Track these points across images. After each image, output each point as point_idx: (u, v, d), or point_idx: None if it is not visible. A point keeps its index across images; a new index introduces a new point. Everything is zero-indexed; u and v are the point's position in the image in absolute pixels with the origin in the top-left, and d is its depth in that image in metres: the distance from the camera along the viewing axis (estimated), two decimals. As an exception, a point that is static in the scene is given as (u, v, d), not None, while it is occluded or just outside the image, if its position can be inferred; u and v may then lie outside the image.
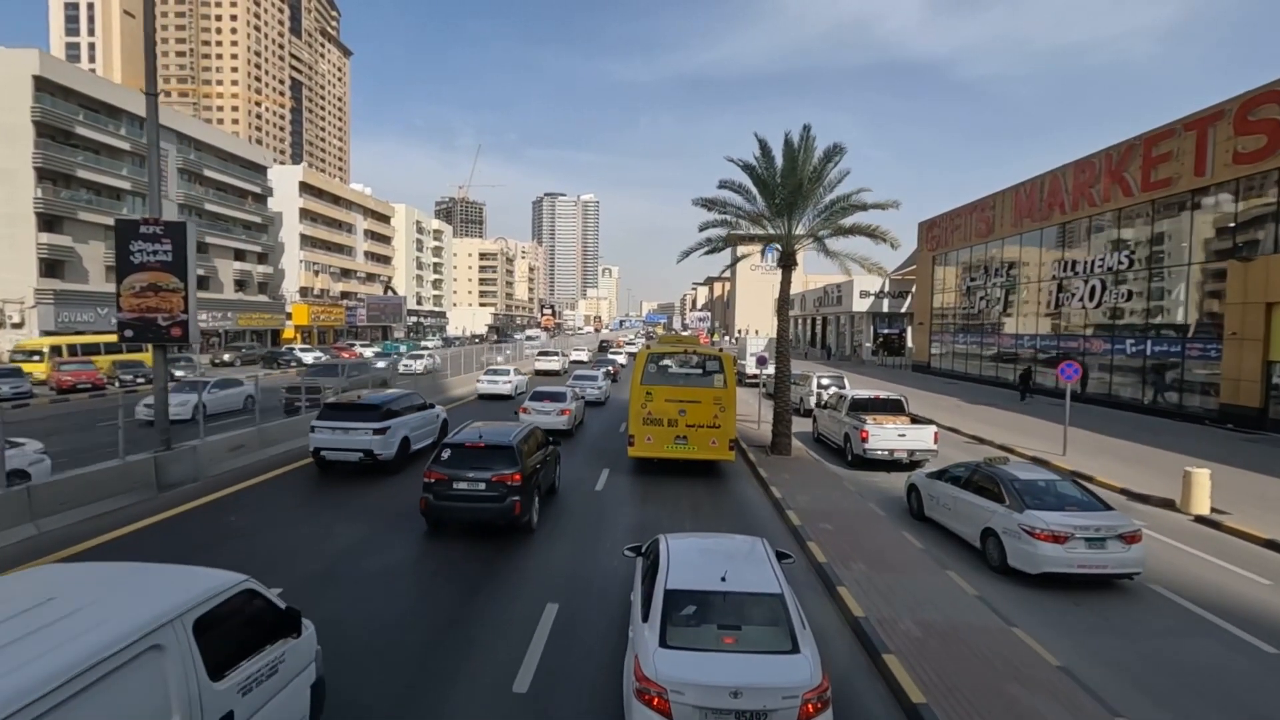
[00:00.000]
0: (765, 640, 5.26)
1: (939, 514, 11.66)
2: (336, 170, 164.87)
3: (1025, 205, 34.74)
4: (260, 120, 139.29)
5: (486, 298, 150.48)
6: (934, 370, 45.92)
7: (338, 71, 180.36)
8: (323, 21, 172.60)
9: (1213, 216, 23.80)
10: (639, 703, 4.91)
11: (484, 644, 7.18)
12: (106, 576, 4.50)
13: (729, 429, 14.65)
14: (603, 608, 8.15)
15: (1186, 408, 24.14)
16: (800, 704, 4.75)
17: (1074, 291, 30.48)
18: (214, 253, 59.50)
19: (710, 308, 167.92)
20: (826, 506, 12.46)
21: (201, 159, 58.10)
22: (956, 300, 43.25)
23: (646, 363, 15.36)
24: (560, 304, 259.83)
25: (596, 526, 11.61)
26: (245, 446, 14.78)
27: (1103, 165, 28.53)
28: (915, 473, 13.12)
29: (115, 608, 3.75)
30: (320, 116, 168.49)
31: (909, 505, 12.69)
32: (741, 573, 5.86)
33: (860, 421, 16.70)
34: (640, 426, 14.84)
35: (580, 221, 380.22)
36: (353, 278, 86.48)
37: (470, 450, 10.63)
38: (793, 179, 15.94)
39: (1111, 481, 14.86)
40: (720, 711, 4.75)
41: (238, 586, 4.38)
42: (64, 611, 3.60)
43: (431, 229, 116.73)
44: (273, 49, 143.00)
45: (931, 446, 16.32)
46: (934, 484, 11.89)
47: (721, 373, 15.24)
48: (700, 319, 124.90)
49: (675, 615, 5.39)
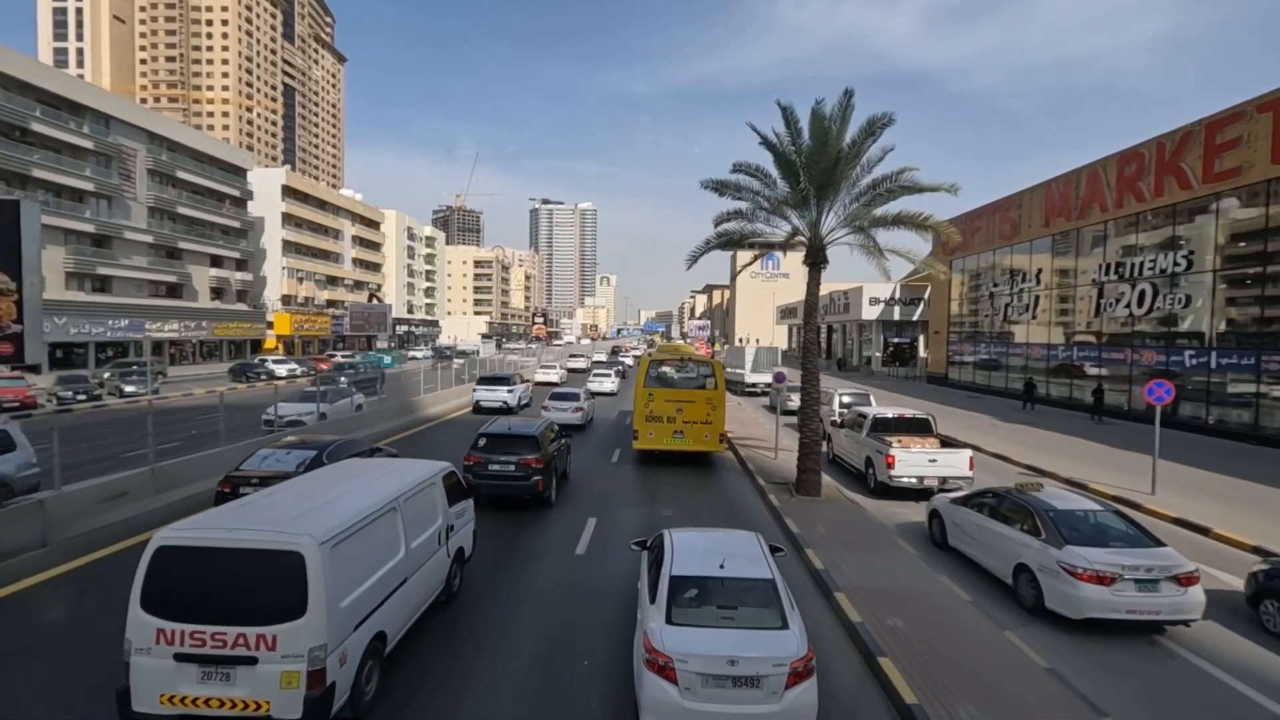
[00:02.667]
0: (758, 618, 5.87)
1: (964, 544, 10.54)
2: (330, 178, 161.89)
3: (1057, 203, 31.73)
4: (252, 126, 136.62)
5: (482, 306, 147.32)
6: (952, 383, 42.79)
7: (332, 77, 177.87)
8: (316, 27, 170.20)
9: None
10: (649, 671, 5.55)
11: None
12: (405, 464, 9.02)
13: (719, 425, 17.13)
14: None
15: (1264, 428, 21.01)
16: (788, 671, 5.41)
17: (1118, 297, 27.43)
18: (188, 259, 56.35)
19: (709, 316, 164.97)
20: (888, 583, 9.22)
21: (175, 160, 55.01)
22: (978, 307, 40.17)
23: (648, 368, 17.68)
24: (558, 312, 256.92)
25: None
26: (131, 494, 11.48)
27: (1153, 156, 25.53)
28: (939, 496, 11.82)
29: (418, 471, 8.21)
30: (314, 123, 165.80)
31: (930, 532, 11.60)
32: (738, 562, 6.51)
33: (884, 445, 14.57)
34: (643, 423, 17.12)
35: (578, 230, 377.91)
36: (340, 285, 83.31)
37: (502, 438, 13.00)
38: (824, 156, 12.84)
39: (1241, 537, 11.63)
40: (719, 677, 5.42)
41: (449, 468, 8.91)
42: (400, 467, 8.59)
43: (424, 236, 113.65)
44: (265, 54, 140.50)
45: (966, 473, 14.10)
46: (959, 510, 10.73)
47: (713, 376, 17.54)
48: (700, 328, 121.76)
49: (680, 598, 6.04)
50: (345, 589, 5.69)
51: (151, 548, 5.40)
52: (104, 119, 47.76)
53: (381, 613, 6.31)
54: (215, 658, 5.17)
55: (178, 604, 5.26)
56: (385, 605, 6.39)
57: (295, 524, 5.69)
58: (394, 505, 6.96)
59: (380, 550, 6.51)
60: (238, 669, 5.16)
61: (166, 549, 5.37)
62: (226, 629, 5.18)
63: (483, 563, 9.91)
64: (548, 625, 8.09)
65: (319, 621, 5.26)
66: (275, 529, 5.58)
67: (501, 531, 11.57)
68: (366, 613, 6.02)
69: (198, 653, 5.18)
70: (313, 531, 5.49)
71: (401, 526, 7.02)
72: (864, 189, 13.38)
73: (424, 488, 7.88)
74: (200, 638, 5.18)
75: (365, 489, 7.09)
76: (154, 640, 5.20)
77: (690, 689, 5.37)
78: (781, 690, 5.37)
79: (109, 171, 48.18)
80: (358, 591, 5.89)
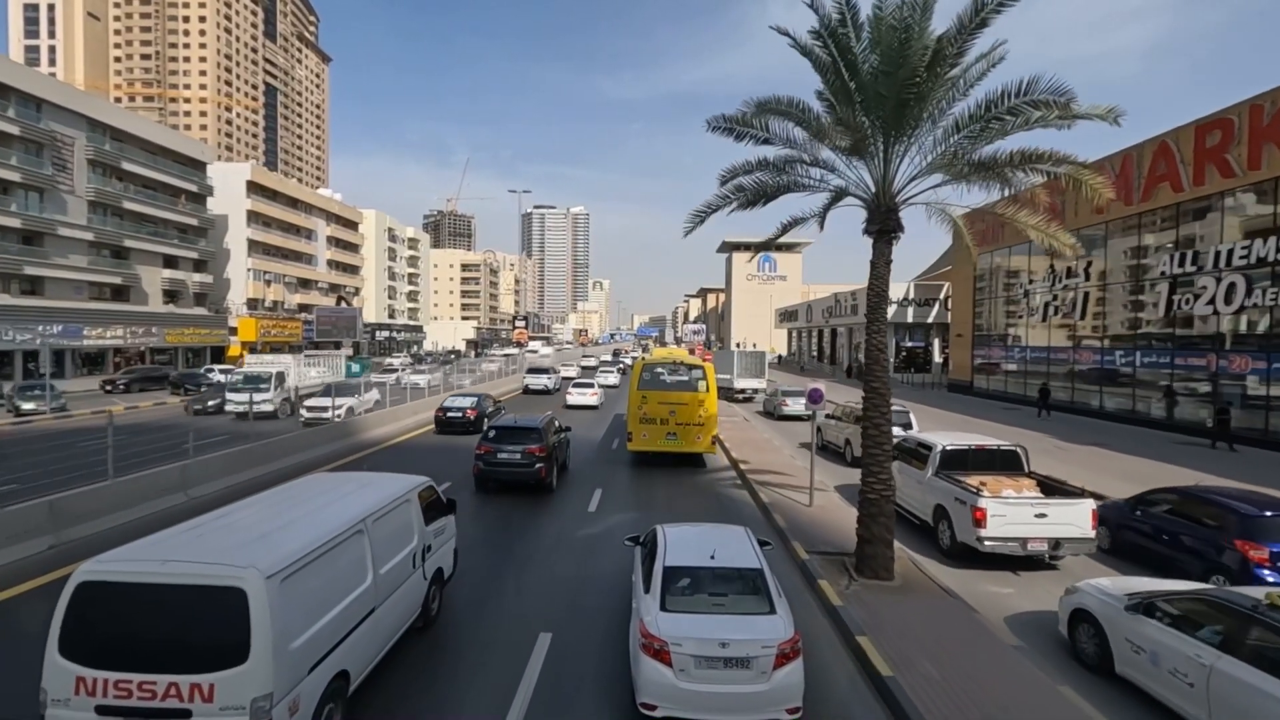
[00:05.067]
0: (747, 604, 6.22)
1: (1155, 681, 6.51)
2: (315, 179, 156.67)
3: (1112, 185, 27.42)
4: (231, 126, 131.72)
5: (469, 311, 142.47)
6: (978, 391, 38.43)
7: (316, 78, 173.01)
8: (300, 25, 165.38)
9: None
10: (645, 655, 5.81)
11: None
12: (377, 478, 8.30)
13: (711, 426, 17.35)
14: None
15: None
16: (776, 653, 5.66)
17: (1198, 292, 23.10)
18: (136, 258, 51.28)
19: (704, 320, 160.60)
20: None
21: (122, 150, 50.07)
22: (1014, 307, 35.79)
23: (642, 371, 17.91)
24: (551, 317, 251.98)
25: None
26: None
27: (1244, 123, 21.24)
28: (1089, 589, 7.69)
29: (390, 487, 7.49)
30: (297, 124, 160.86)
31: (1071, 642, 7.74)
32: (727, 553, 6.87)
33: (967, 492, 10.54)
34: (637, 425, 17.35)
35: (570, 234, 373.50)
36: (313, 288, 78.32)
37: (509, 430, 14.89)
38: (903, 65, 8.32)
39: None
40: (711, 659, 5.66)
41: (426, 483, 8.19)
42: (371, 482, 7.89)
43: (406, 237, 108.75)
44: (245, 52, 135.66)
45: (1088, 534, 10.19)
46: (1144, 625, 6.78)
47: (705, 379, 17.68)
48: (694, 332, 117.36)
49: (673, 586, 6.38)
50: (299, 627, 5.01)
51: (72, 584, 4.79)
52: (34, 102, 42.87)
53: (345, 649, 5.63)
54: (143, 710, 4.58)
55: (102, 649, 4.67)
56: (349, 640, 5.73)
57: (239, 554, 5.00)
58: (360, 527, 6.32)
59: (343, 578, 5.85)
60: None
61: (89, 584, 4.79)
62: (156, 677, 4.59)
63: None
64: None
65: (264, 668, 4.63)
66: (215, 561, 4.91)
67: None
68: (325, 651, 5.33)
69: (123, 704, 4.59)
70: (258, 564, 4.83)
71: (369, 550, 6.40)
72: (968, 118, 8.83)
73: (396, 506, 7.23)
74: (126, 688, 4.59)
75: (327, 510, 6.49)
76: (73, 691, 4.63)
77: (685, 670, 5.62)
78: (770, 670, 5.61)
79: (40, 161, 43.26)
80: (314, 628, 5.20)
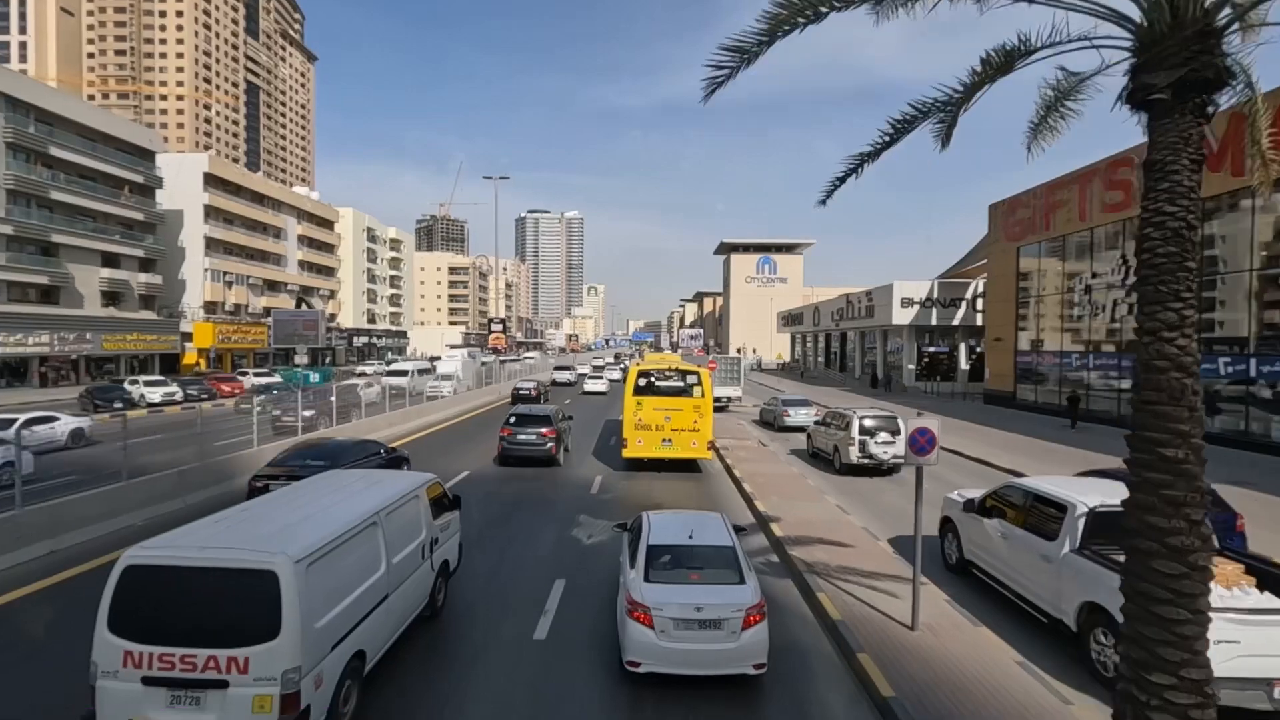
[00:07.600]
0: (721, 576, 7.16)
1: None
2: (300, 181, 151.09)
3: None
4: (210, 125, 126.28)
5: (457, 316, 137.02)
6: (1021, 403, 33.24)
7: (301, 77, 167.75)
8: (284, 23, 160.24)
9: None
10: (630, 619, 6.79)
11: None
12: (386, 475, 9.30)
13: (706, 432, 17.65)
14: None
15: None
16: (745, 615, 6.65)
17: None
18: (67, 256, 45.71)
19: (701, 324, 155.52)
20: None
21: (51, 133, 44.68)
22: (1071, 309, 30.59)
23: (637, 377, 18.26)
24: (545, 323, 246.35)
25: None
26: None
27: None
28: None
29: (401, 483, 8.20)
30: (281, 124, 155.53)
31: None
32: (704, 534, 7.86)
33: None
34: (633, 431, 17.65)
35: (564, 239, 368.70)
36: (282, 291, 72.76)
37: (526, 417, 18.64)
38: None
39: None
40: (687, 621, 6.63)
41: (434, 479, 8.85)
42: (382, 479, 8.61)
43: (387, 238, 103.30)
44: (225, 49, 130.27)
45: None
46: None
47: (700, 385, 17.96)
48: (691, 337, 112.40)
49: (656, 562, 7.32)
50: (322, 608, 5.58)
51: (120, 567, 5.29)
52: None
53: (361, 631, 6.22)
54: (185, 681, 5.07)
55: (147, 625, 5.16)
56: (365, 623, 6.32)
57: (270, 542, 5.60)
58: (375, 519, 6.87)
59: (360, 566, 6.43)
60: (208, 693, 5.08)
61: (135, 568, 5.29)
62: (197, 651, 5.07)
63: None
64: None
65: (293, 643, 5.15)
66: (249, 547, 5.49)
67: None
68: (344, 631, 5.92)
69: (167, 676, 5.07)
70: (288, 550, 5.40)
71: (383, 541, 6.94)
72: None
73: (407, 500, 7.85)
74: (169, 660, 5.08)
75: (345, 503, 7.09)
76: (121, 663, 5.10)
77: (665, 631, 6.62)
78: (739, 631, 6.60)
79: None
80: (335, 610, 5.79)
